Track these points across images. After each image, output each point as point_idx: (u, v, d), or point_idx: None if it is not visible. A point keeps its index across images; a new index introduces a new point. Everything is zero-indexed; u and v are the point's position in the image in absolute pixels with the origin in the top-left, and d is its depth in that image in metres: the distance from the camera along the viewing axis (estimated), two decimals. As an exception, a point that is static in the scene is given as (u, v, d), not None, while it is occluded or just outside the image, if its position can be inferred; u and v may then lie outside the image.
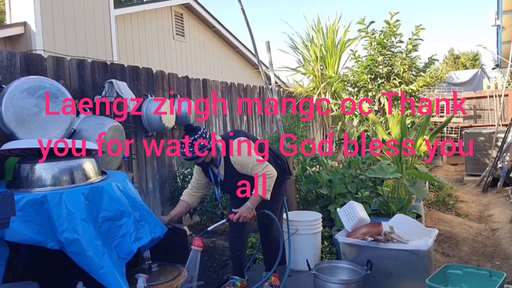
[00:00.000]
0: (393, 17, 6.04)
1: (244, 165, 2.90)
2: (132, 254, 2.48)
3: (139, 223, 2.58)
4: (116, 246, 2.46)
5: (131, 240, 2.48)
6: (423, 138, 4.29)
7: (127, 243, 2.47)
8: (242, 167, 2.91)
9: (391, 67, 6.04)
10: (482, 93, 10.98)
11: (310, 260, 3.68)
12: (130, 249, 2.47)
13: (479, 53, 23.68)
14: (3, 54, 3.02)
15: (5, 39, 5.75)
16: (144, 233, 2.57)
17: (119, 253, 2.45)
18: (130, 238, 2.48)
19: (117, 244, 2.47)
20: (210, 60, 9.70)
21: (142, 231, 2.57)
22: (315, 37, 7.64)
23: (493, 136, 8.33)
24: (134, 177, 4.12)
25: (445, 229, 4.85)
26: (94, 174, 2.66)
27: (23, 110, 2.69)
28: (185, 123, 4.61)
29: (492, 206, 6.32)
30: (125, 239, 2.47)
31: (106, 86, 3.76)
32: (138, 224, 2.57)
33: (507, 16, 8.14)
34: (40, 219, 2.31)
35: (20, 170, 2.50)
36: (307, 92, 7.57)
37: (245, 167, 2.90)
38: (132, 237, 2.49)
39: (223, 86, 5.75)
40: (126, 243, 2.47)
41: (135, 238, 2.50)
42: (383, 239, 3.00)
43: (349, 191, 4.16)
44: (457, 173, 9.62)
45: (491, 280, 2.68)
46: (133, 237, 2.49)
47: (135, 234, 2.51)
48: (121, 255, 2.46)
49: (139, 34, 7.86)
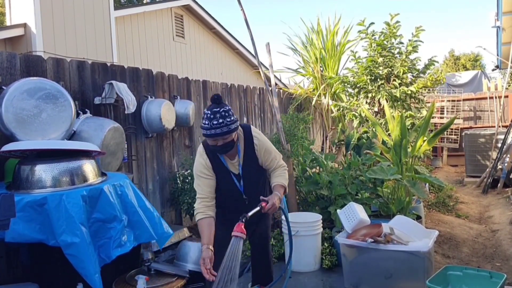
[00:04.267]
0: (393, 19, 6.04)
1: (269, 150, 2.63)
2: (111, 259, 2.50)
3: (125, 230, 2.60)
4: (100, 246, 2.51)
5: (114, 246, 2.50)
6: (423, 139, 4.29)
7: (109, 247, 2.50)
8: (265, 152, 2.62)
9: (391, 69, 6.05)
10: (482, 94, 10.99)
11: (310, 261, 3.70)
12: (110, 254, 2.50)
13: (479, 54, 23.72)
14: (3, 55, 3.02)
15: (5, 40, 5.76)
16: (128, 241, 2.58)
17: (101, 254, 2.49)
18: (113, 243, 2.50)
19: (101, 245, 2.51)
20: (210, 61, 9.71)
21: (126, 238, 2.58)
22: (314, 39, 7.64)
23: (493, 138, 8.33)
24: (134, 178, 4.12)
25: (445, 230, 4.85)
26: (94, 175, 2.66)
27: (23, 112, 2.69)
28: (185, 125, 4.66)
29: (492, 207, 6.31)
30: (109, 242, 2.50)
31: (106, 88, 3.76)
32: (124, 230, 2.59)
33: (507, 17, 8.16)
34: (40, 218, 2.32)
35: (20, 171, 2.50)
36: (307, 94, 7.58)
37: (269, 153, 2.63)
38: (116, 243, 2.51)
39: (223, 87, 5.75)
40: (109, 247, 2.50)
41: (118, 244, 2.52)
42: (383, 240, 3.00)
43: (349, 192, 4.16)
44: (457, 174, 9.61)
45: (492, 281, 2.68)
46: (116, 243, 2.51)
47: (119, 240, 2.52)
48: (102, 255, 2.49)
49: (139, 35, 7.86)
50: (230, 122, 2.40)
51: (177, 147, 4.80)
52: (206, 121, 2.40)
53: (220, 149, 2.48)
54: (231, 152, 2.56)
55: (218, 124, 2.37)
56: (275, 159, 2.67)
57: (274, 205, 2.45)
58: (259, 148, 2.61)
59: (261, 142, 2.62)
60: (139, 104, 4.11)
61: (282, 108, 7.20)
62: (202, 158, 2.60)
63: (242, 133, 2.61)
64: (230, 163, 2.62)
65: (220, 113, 2.38)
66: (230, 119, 2.40)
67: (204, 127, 2.42)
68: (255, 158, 2.63)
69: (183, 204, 4.36)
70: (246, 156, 2.61)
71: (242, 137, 2.61)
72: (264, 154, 2.62)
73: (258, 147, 2.61)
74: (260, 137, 2.64)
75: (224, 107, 2.42)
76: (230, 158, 2.61)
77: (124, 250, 2.54)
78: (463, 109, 10.87)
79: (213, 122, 2.37)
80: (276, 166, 2.67)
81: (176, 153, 4.76)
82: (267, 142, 2.67)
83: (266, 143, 2.65)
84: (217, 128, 2.37)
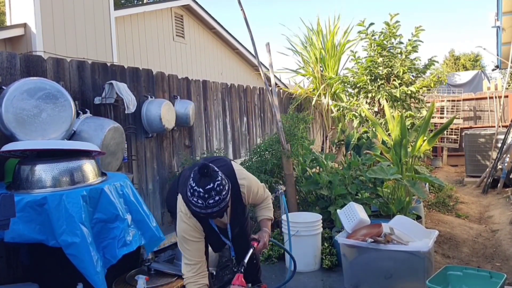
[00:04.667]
0: (392, 19, 6.04)
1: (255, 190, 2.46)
2: (117, 259, 2.50)
3: (129, 228, 2.60)
4: (104, 247, 2.50)
5: (119, 245, 2.50)
6: (423, 139, 4.29)
7: (114, 247, 2.49)
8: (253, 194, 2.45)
9: (391, 69, 6.05)
10: (482, 94, 10.99)
11: (310, 261, 3.70)
12: (115, 254, 2.49)
13: (479, 54, 23.72)
14: (3, 55, 3.02)
15: (5, 40, 5.76)
16: (133, 240, 2.58)
17: (106, 254, 2.49)
18: (118, 243, 2.50)
19: (105, 245, 2.51)
20: (210, 61, 9.71)
21: (131, 237, 2.58)
22: (314, 39, 7.65)
23: (493, 138, 8.33)
24: (134, 178, 4.12)
25: (445, 230, 4.85)
26: (94, 175, 2.66)
27: (23, 112, 2.69)
28: (185, 125, 4.66)
29: (492, 207, 6.31)
30: (114, 242, 2.50)
31: (106, 88, 3.76)
32: (129, 229, 2.59)
33: (507, 17, 8.15)
34: (40, 218, 2.32)
35: (20, 171, 2.50)
36: (307, 94, 7.58)
37: (255, 194, 2.47)
38: (120, 243, 2.51)
39: (223, 87, 5.75)
40: (114, 247, 2.49)
41: (123, 243, 2.51)
42: (383, 240, 3.00)
43: (349, 192, 4.16)
44: (457, 174, 9.61)
45: (492, 281, 2.68)
46: (121, 242, 2.51)
47: (124, 240, 2.52)
48: (107, 256, 2.49)
49: (139, 35, 7.86)
50: (226, 194, 2.09)
51: (177, 147, 4.80)
52: (200, 200, 2.04)
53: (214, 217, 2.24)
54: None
55: (215, 203, 2.05)
56: (261, 196, 2.54)
57: (265, 244, 2.42)
58: (247, 194, 2.43)
59: (248, 187, 2.42)
60: (139, 104, 4.11)
61: (282, 108, 7.21)
62: (191, 222, 2.31)
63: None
64: (217, 221, 2.42)
65: (215, 189, 2.04)
66: (225, 190, 2.09)
67: (198, 206, 2.06)
68: (241, 206, 2.47)
69: (183, 204, 4.35)
70: (233, 209, 2.42)
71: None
72: (253, 196, 2.48)
73: (245, 195, 2.42)
74: (246, 181, 2.42)
75: (217, 179, 2.07)
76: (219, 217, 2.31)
77: (130, 249, 2.53)
78: (463, 109, 10.87)
79: (209, 201, 2.04)
80: (262, 200, 2.57)
81: (176, 153, 4.76)
82: (252, 181, 2.47)
83: (251, 184, 2.45)
84: (214, 207, 2.06)
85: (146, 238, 2.73)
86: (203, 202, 2.04)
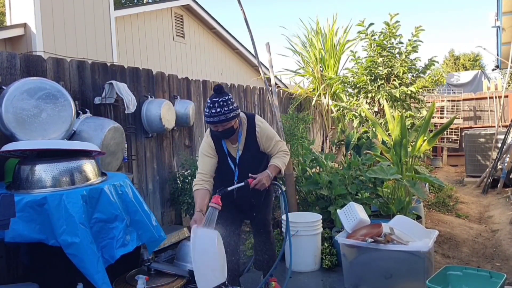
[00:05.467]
0: (392, 18, 6.04)
1: (270, 137, 2.83)
2: (115, 259, 2.50)
3: (128, 229, 2.60)
4: (103, 247, 2.50)
5: (117, 246, 2.51)
6: (423, 139, 4.28)
7: (113, 247, 2.50)
8: (267, 139, 2.82)
9: (391, 69, 6.05)
10: (482, 94, 10.99)
11: (310, 261, 3.70)
12: (114, 254, 2.50)
13: (479, 54, 23.73)
14: (3, 55, 3.02)
15: (5, 40, 5.76)
16: (131, 240, 2.60)
17: (104, 254, 2.49)
18: (116, 243, 2.51)
19: (104, 245, 2.51)
20: (210, 61, 9.71)
21: (129, 238, 2.59)
22: (314, 39, 7.64)
23: (493, 138, 8.33)
24: (134, 178, 4.12)
25: (445, 230, 4.85)
26: (94, 175, 2.66)
27: (23, 112, 2.69)
28: (185, 125, 4.66)
29: (492, 207, 6.32)
30: (112, 242, 2.51)
31: (106, 87, 3.76)
32: (127, 229, 2.59)
33: (507, 17, 8.15)
34: (40, 218, 2.32)
35: (20, 171, 2.50)
36: (307, 94, 7.58)
37: (270, 140, 2.83)
38: (119, 243, 2.51)
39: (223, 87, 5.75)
40: (112, 247, 2.50)
41: (121, 244, 2.52)
42: (383, 240, 3.00)
43: (349, 192, 4.16)
44: (457, 174, 9.61)
45: (491, 281, 2.68)
46: (119, 242, 2.52)
47: (122, 240, 2.53)
48: (105, 256, 2.49)
49: (139, 35, 7.86)
50: (227, 111, 2.61)
51: (177, 147, 4.80)
52: (207, 109, 2.63)
53: (221, 134, 2.72)
54: (232, 137, 2.79)
55: (216, 113, 2.59)
56: (276, 145, 2.85)
57: (260, 181, 2.65)
58: (261, 135, 2.81)
59: (263, 130, 2.82)
60: (139, 104, 4.12)
61: (282, 108, 7.21)
62: (208, 140, 2.85)
63: (246, 120, 2.84)
64: (230, 147, 2.84)
65: (219, 102, 2.60)
66: (228, 108, 2.61)
67: (205, 115, 2.66)
68: (255, 144, 2.83)
69: (183, 204, 4.36)
70: (246, 142, 2.82)
71: (246, 124, 2.83)
72: (265, 141, 2.82)
73: (259, 134, 2.81)
74: (263, 125, 2.84)
75: (223, 97, 2.62)
76: (231, 143, 2.83)
77: (128, 249, 2.54)
78: (463, 109, 10.88)
79: (212, 111, 2.60)
80: (278, 151, 2.85)
81: (176, 153, 4.76)
82: (269, 130, 2.86)
83: (267, 130, 2.84)
84: (215, 117, 2.60)
85: (146, 238, 2.73)
86: (208, 111, 2.62)
